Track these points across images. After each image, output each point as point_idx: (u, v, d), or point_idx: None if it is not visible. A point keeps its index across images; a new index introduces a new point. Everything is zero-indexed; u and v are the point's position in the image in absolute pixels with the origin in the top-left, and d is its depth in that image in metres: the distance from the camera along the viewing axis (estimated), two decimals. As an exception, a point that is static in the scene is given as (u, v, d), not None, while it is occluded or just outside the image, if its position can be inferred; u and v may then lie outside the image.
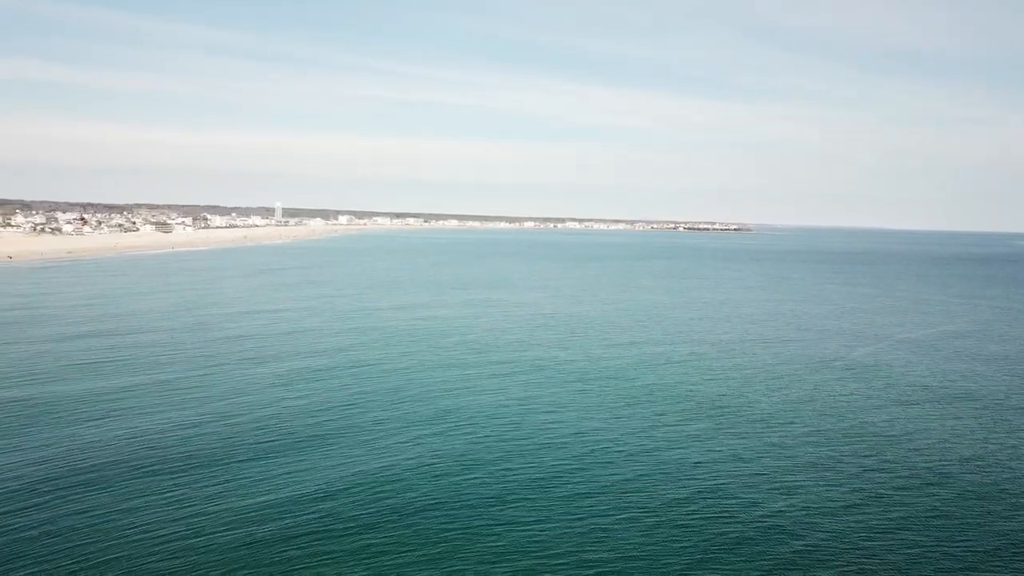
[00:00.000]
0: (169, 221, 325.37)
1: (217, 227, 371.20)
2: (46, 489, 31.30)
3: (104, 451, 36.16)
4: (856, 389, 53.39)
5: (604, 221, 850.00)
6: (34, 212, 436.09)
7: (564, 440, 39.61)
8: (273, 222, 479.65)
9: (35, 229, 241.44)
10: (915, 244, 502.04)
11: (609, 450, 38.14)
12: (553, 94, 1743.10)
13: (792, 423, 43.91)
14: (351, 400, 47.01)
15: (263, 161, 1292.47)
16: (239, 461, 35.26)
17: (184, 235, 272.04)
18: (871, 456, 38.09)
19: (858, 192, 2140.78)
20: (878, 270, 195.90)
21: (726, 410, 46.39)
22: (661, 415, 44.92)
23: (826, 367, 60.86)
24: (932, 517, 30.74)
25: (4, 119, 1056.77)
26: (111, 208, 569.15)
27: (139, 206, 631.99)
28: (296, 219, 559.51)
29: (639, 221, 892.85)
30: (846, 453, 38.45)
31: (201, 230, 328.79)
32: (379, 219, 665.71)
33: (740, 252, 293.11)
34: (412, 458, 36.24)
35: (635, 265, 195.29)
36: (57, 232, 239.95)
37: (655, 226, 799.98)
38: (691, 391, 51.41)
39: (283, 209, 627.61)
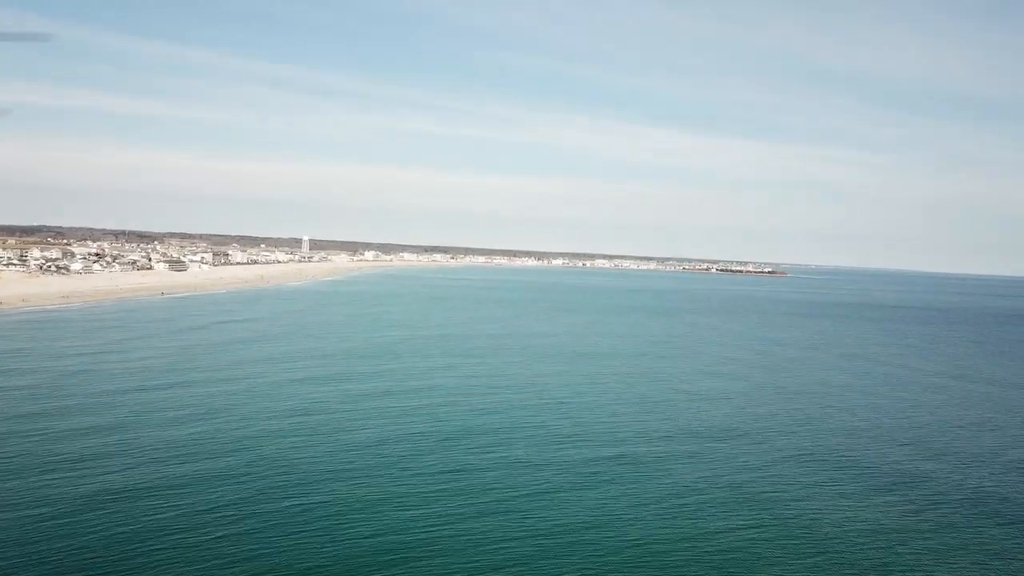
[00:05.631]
0: (183, 258, 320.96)
1: (237, 263, 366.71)
2: None
3: None
4: None
5: (635, 259, 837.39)
6: (66, 240, 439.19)
7: None
8: (297, 257, 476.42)
9: (41, 268, 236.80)
10: (967, 293, 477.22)
11: None
12: (589, 131, 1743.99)
13: None
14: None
15: (297, 192, 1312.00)
16: None
17: (193, 275, 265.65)
18: None
19: (892, 233, 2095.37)
20: (944, 334, 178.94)
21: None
22: None
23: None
24: None
25: (57, 146, 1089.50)
26: (143, 237, 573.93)
27: (171, 235, 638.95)
28: (323, 253, 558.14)
29: (671, 259, 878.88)
30: None
31: (218, 267, 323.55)
32: (406, 254, 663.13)
33: (789, 304, 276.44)
34: None
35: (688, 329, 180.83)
36: (64, 271, 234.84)
37: (686, 266, 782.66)
38: None
39: (311, 241, 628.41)
